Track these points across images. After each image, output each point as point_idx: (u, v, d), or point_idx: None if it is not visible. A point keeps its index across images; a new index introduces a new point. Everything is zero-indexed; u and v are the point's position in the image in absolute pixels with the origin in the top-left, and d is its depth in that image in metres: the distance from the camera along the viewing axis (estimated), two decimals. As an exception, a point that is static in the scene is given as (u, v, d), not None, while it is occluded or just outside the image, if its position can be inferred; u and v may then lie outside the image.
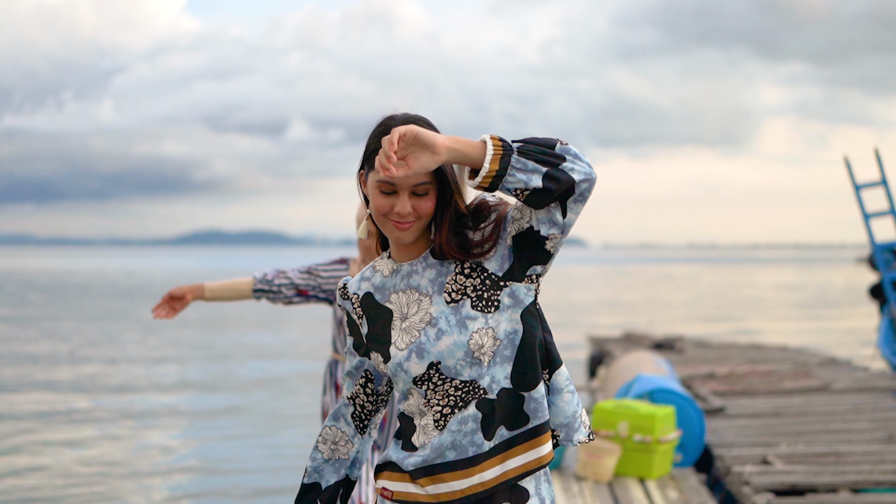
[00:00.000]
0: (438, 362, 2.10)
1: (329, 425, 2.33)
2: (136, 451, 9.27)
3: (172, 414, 11.55)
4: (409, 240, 2.13)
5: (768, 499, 5.64)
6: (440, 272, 2.16)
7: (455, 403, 2.11)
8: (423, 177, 2.07)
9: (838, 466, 6.37)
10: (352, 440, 2.32)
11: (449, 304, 2.13)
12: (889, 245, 11.38)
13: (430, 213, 2.11)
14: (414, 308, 2.16)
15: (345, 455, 2.32)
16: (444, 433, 2.12)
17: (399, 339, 2.15)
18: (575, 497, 5.88)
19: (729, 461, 6.53)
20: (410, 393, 2.17)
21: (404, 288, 2.19)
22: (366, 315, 2.24)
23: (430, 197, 2.09)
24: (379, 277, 2.25)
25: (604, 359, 13.13)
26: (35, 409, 11.77)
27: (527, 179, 1.95)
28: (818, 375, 10.64)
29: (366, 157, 2.14)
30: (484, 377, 2.10)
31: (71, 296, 41.09)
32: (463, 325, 2.10)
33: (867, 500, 5.66)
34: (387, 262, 2.24)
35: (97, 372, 15.33)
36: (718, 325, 25.49)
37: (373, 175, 2.10)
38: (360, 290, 2.26)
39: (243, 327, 24.53)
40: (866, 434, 7.45)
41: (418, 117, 2.11)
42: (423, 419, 2.15)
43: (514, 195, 2.00)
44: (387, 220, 2.11)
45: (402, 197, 2.07)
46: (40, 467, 8.64)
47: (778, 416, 8.26)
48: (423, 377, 2.12)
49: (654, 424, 6.19)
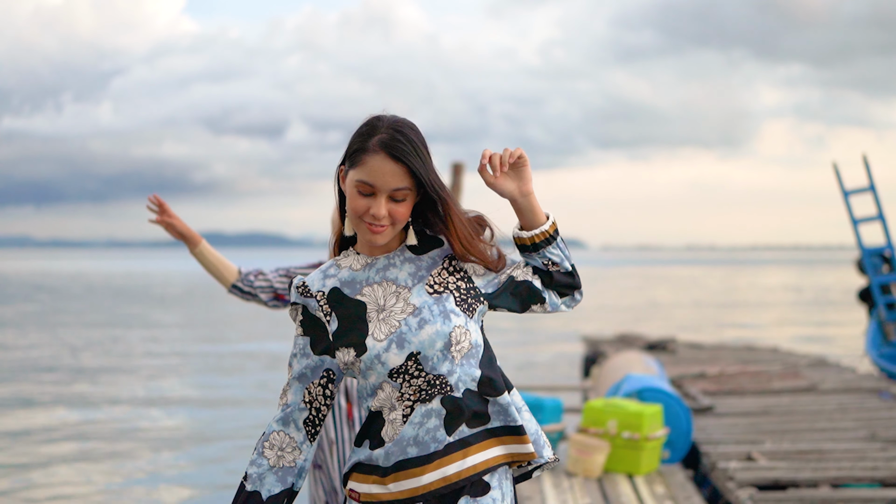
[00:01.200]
0: (418, 353, 2.10)
1: (277, 430, 2.21)
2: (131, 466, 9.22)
3: (173, 430, 11.42)
4: (380, 243, 2.14)
5: (751, 493, 5.85)
6: (419, 266, 2.18)
7: (420, 397, 2.11)
8: (404, 182, 2.08)
9: (820, 463, 6.58)
10: (300, 447, 2.21)
11: (431, 294, 2.14)
12: (877, 249, 11.60)
13: (404, 219, 2.12)
14: (393, 299, 2.14)
15: (291, 463, 2.20)
16: (406, 426, 2.11)
17: (377, 330, 2.12)
18: (565, 492, 6.09)
19: (715, 458, 6.74)
20: (382, 387, 2.14)
21: (380, 280, 2.17)
22: (334, 311, 2.18)
23: (406, 204, 2.11)
24: (346, 272, 2.21)
25: (597, 359, 13.35)
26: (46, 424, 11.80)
27: (561, 259, 2.20)
28: (807, 376, 10.85)
29: (348, 154, 2.14)
30: (453, 374, 2.12)
31: (75, 298, 41.15)
32: (446, 316, 2.12)
33: (846, 494, 5.86)
34: (355, 258, 2.22)
35: (95, 386, 15.38)
36: (715, 327, 25.68)
37: (353, 173, 2.10)
38: (324, 287, 2.20)
39: (245, 332, 24.51)
40: (850, 432, 7.66)
41: (405, 121, 2.12)
42: (393, 413, 2.13)
43: (545, 263, 2.19)
44: (361, 222, 2.12)
45: (380, 200, 2.08)
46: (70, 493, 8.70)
47: (765, 415, 8.47)
48: (401, 369, 2.10)
49: (642, 422, 6.39)
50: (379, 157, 2.06)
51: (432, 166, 2.12)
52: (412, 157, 2.06)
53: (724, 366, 11.69)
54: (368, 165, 2.07)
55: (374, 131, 2.08)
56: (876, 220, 11.49)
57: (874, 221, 11.52)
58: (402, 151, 2.05)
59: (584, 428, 6.64)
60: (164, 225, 3.76)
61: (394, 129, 2.08)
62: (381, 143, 2.06)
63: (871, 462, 6.58)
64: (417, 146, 2.08)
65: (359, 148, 2.09)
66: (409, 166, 2.07)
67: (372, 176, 2.07)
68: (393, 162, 2.06)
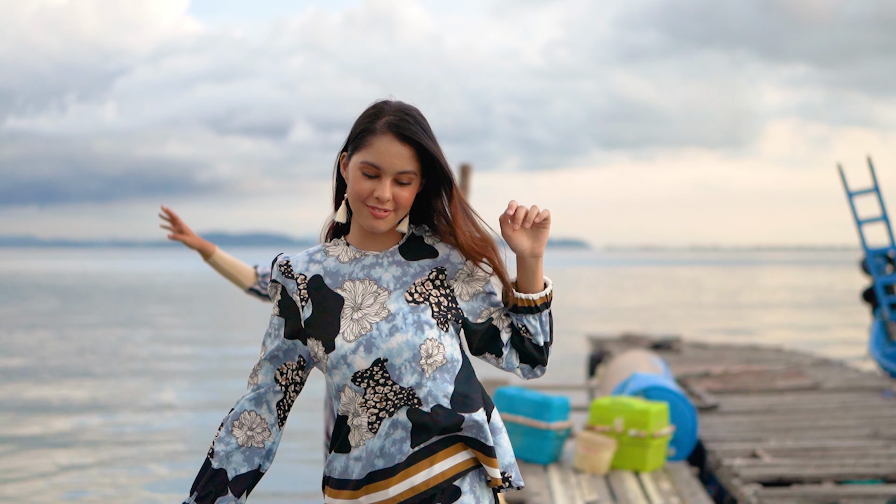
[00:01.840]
0: (385, 360, 2.03)
1: (248, 409, 2.14)
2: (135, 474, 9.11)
3: (175, 429, 11.38)
4: (383, 229, 2.07)
5: (755, 489, 5.95)
6: (405, 272, 2.11)
7: (386, 408, 2.05)
8: (410, 165, 2.03)
9: (824, 460, 6.68)
10: (270, 429, 2.15)
11: (409, 302, 2.07)
12: (881, 250, 11.71)
13: (407, 205, 2.06)
14: (370, 300, 2.08)
15: (260, 444, 2.14)
16: (375, 437, 2.05)
17: (348, 330, 2.06)
18: (572, 488, 6.19)
19: (720, 455, 6.85)
20: (344, 391, 2.08)
21: (363, 277, 2.10)
22: (311, 298, 2.11)
23: (411, 188, 2.05)
24: (333, 262, 2.14)
25: (603, 358, 13.45)
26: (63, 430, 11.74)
27: (535, 332, 2.13)
28: (810, 375, 10.95)
29: (352, 137, 2.08)
30: (423, 387, 2.04)
31: (81, 298, 41.26)
32: (419, 327, 2.05)
33: (849, 490, 5.97)
34: (345, 249, 2.15)
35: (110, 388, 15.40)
36: (719, 327, 25.75)
37: (358, 156, 2.04)
38: (307, 272, 2.13)
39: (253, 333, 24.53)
40: (853, 430, 7.77)
41: (411, 107, 2.06)
42: (357, 419, 2.07)
43: (519, 327, 2.13)
44: (364, 207, 2.05)
45: (385, 182, 2.02)
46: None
47: (769, 414, 8.58)
48: (366, 374, 2.04)
49: (648, 420, 6.50)
50: (386, 138, 2.01)
51: (441, 150, 2.06)
52: (421, 137, 2.02)
53: (729, 365, 11.79)
54: (375, 147, 2.01)
55: (381, 113, 2.04)
56: (880, 221, 11.59)
57: (878, 222, 11.63)
58: (411, 132, 2.01)
59: (591, 425, 6.74)
60: (179, 240, 3.79)
61: (401, 112, 2.04)
62: (388, 124, 2.02)
63: (873, 459, 6.68)
64: (425, 128, 2.04)
65: (365, 129, 2.04)
66: (416, 148, 2.02)
67: (378, 157, 2.01)
68: (400, 143, 2.01)
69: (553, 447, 6.73)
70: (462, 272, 2.13)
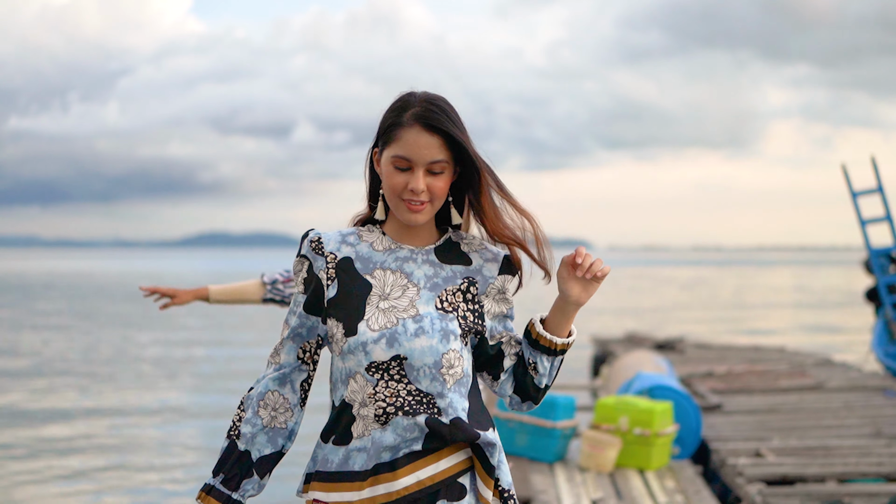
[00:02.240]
0: (405, 358, 2.01)
1: (272, 389, 2.12)
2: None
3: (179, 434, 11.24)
4: (421, 221, 2.06)
5: (760, 488, 6.01)
6: (437, 273, 2.10)
7: (402, 406, 2.02)
8: (441, 154, 2.02)
9: (827, 459, 6.74)
10: (293, 409, 2.13)
11: (438, 309, 2.06)
12: (885, 250, 11.77)
13: (442, 194, 2.05)
14: (398, 292, 2.06)
15: (283, 425, 2.12)
16: (386, 431, 2.02)
17: (373, 319, 2.03)
18: (578, 486, 6.25)
19: (724, 454, 6.91)
20: (355, 378, 2.04)
21: (394, 269, 2.09)
22: (338, 279, 2.08)
23: (444, 177, 2.04)
24: (366, 248, 2.12)
25: (607, 358, 13.50)
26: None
27: (544, 372, 2.13)
28: (813, 375, 11.00)
29: (381, 132, 2.08)
30: (444, 398, 2.03)
31: (85, 299, 41.32)
32: (446, 336, 2.04)
33: (852, 489, 6.03)
34: (381, 237, 2.13)
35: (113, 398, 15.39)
36: (722, 327, 25.80)
37: (388, 150, 2.04)
38: (338, 252, 2.10)
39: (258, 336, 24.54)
40: (855, 429, 7.83)
41: (437, 96, 2.07)
42: (365, 410, 2.04)
43: (529, 362, 2.13)
44: (400, 201, 2.04)
45: (417, 173, 2.01)
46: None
47: (772, 413, 8.64)
48: (381, 366, 2.02)
49: (653, 419, 6.56)
50: (414, 129, 2.01)
51: (469, 137, 2.06)
52: (448, 125, 2.01)
53: (732, 365, 11.85)
54: (403, 139, 2.01)
55: (408, 106, 2.04)
56: (884, 221, 11.67)
57: (882, 222, 11.70)
58: (437, 121, 2.01)
59: (596, 424, 6.80)
60: (172, 306, 3.72)
61: (427, 102, 2.03)
62: (415, 115, 2.02)
63: (876, 458, 6.74)
64: (452, 117, 2.04)
65: (392, 123, 2.04)
66: (444, 137, 2.02)
67: (408, 149, 2.01)
68: (428, 133, 2.01)
69: (559, 446, 6.79)
70: (493, 287, 2.12)
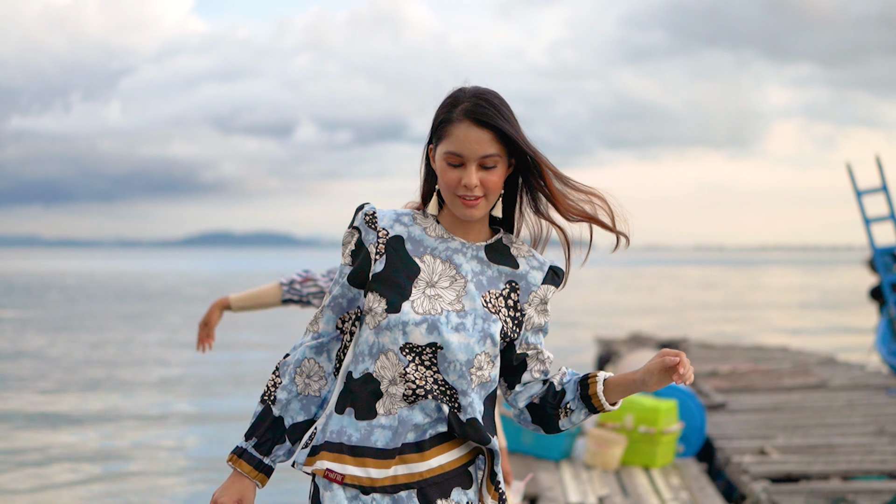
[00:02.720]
0: (441, 347, 2.03)
1: (309, 357, 2.14)
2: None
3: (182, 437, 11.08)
4: (477, 216, 2.08)
5: (764, 486, 6.07)
6: (483, 271, 2.12)
7: (431, 391, 2.05)
8: (492, 148, 2.04)
9: (831, 457, 6.80)
10: (326, 378, 2.15)
11: (484, 307, 2.09)
12: (889, 249, 11.83)
13: (497, 189, 2.07)
14: (445, 282, 2.09)
15: (316, 393, 2.14)
16: (414, 410, 2.05)
17: (418, 302, 2.05)
18: (584, 483, 6.31)
19: (729, 452, 6.97)
20: (387, 355, 2.05)
21: (444, 258, 2.11)
22: (387, 255, 2.10)
23: (497, 171, 2.06)
24: (419, 231, 2.14)
25: (611, 358, 13.55)
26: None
27: (571, 421, 2.16)
28: (816, 373, 11.06)
29: (434, 128, 2.10)
30: (467, 396, 2.06)
31: (88, 299, 41.39)
32: (484, 337, 2.07)
33: (856, 486, 6.08)
34: (434, 225, 2.15)
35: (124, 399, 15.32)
36: (725, 327, 25.84)
37: (441, 147, 2.07)
38: (391, 229, 2.12)
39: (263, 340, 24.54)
40: (858, 427, 7.88)
41: (488, 90, 2.08)
42: (394, 388, 2.05)
43: (568, 406, 2.14)
44: (455, 197, 2.06)
45: (470, 168, 2.04)
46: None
47: (776, 411, 8.69)
48: (416, 349, 2.04)
49: (658, 417, 6.62)
50: (464, 125, 2.03)
51: (520, 129, 2.08)
52: (498, 120, 2.03)
53: (736, 364, 11.90)
54: (455, 135, 2.04)
55: (458, 101, 2.06)
56: (888, 220, 11.72)
57: (886, 221, 11.75)
58: (487, 116, 2.03)
59: (601, 422, 6.86)
60: (213, 329, 3.86)
61: (477, 97, 2.05)
62: (465, 111, 2.04)
63: (879, 455, 6.79)
64: (502, 110, 2.05)
65: (444, 119, 2.07)
66: (495, 131, 2.04)
67: (459, 145, 2.03)
68: (479, 128, 2.03)
69: (565, 443, 6.85)
70: (536, 296, 2.15)
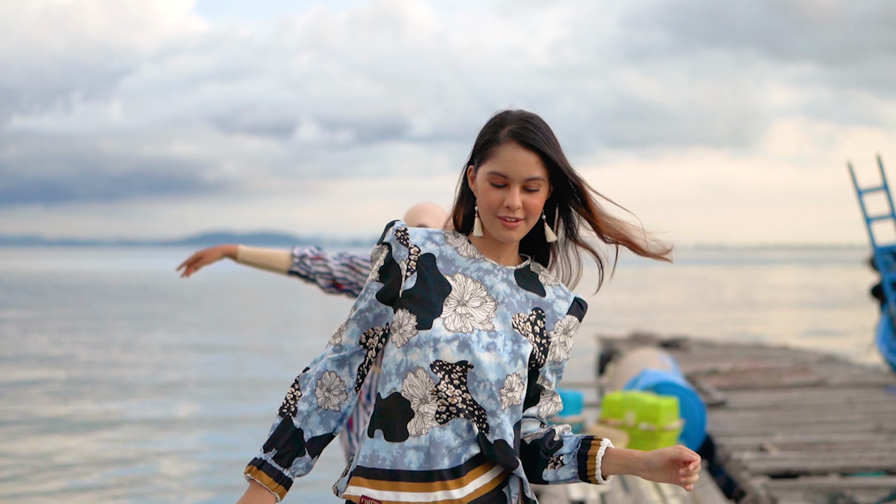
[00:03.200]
0: (472, 366, 2.00)
1: (330, 370, 2.10)
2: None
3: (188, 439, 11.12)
4: (516, 238, 2.07)
5: (764, 482, 6.14)
6: (512, 294, 2.10)
7: (461, 411, 2.02)
8: (537, 171, 2.04)
9: (829, 453, 6.88)
10: (347, 392, 2.11)
11: (514, 329, 2.06)
12: (889, 247, 11.92)
13: (537, 212, 2.06)
14: (476, 302, 2.07)
15: (335, 407, 2.10)
16: (446, 430, 2.01)
17: (450, 320, 2.03)
18: (586, 480, 6.39)
19: (729, 449, 7.05)
20: (416, 373, 2.02)
21: (476, 278, 2.09)
22: (418, 272, 2.08)
23: (539, 195, 2.05)
24: (450, 250, 2.12)
25: (612, 356, 13.63)
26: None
27: (560, 479, 2.10)
28: (816, 372, 11.14)
29: (477, 149, 2.10)
30: (496, 417, 2.02)
31: (90, 299, 41.41)
32: (515, 358, 2.03)
33: (854, 482, 6.16)
34: (466, 245, 2.14)
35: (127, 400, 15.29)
36: (726, 326, 25.91)
37: (485, 167, 2.05)
38: (422, 246, 2.11)
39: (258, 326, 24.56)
40: (857, 425, 7.96)
41: (533, 115, 2.08)
42: (425, 406, 2.01)
43: (556, 462, 2.09)
44: (495, 218, 2.05)
45: (514, 190, 2.03)
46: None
47: (776, 409, 8.77)
48: (446, 366, 2.01)
49: (659, 414, 6.70)
50: (511, 146, 2.03)
51: (563, 154, 2.08)
52: (544, 145, 2.03)
53: (736, 362, 11.98)
54: (500, 156, 2.03)
55: (504, 123, 2.06)
56: (888, 219, 11.82)
57: (887, 220, 11.85)
58: (533, 139, 2.03)
59: (603, 419, 6.94)
60: (203, 265, 3.86)
61: (523, 120, 2.06)
62: (511, 132, 2.04)
63: (877, 452, 6.87)
64: (548, 135, 2.06)
65: (489, 140, 2.06)
66: (540, 155, 2.04)
67: (504, 166, 2.02)
68: (525, 150, 2.03)
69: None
70: (560, 325, 2.13)
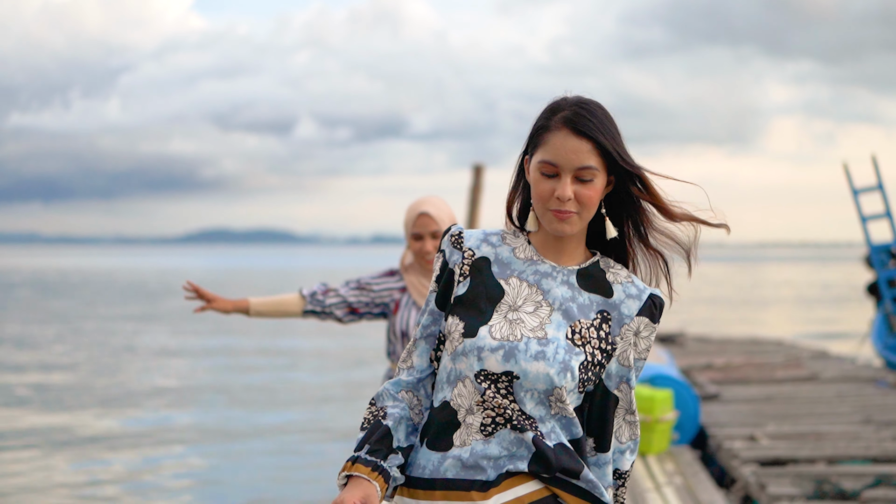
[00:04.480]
0: (517, 377, 1.90)
1: (407, 389, 2.02)
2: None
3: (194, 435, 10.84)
4: (569, 232, 1.95)
5: (753, 469, 6.38)
6: (574, 297, 1.98)
7: (509, 420, 1.93)
8: (590, 160, 1.92)
9: (818, 443, 7.12)
10: (423, 413, 2.02)
11: (568, 339, 1.94)
12: (885, 246, 12.21)
13: (592, 204, 1.94)
14: (530, 307, 1.96)
15: (416, 421, 2.03)
16: (490, 443, 1.92)
17: (497, 327, 1.93)
18: (583, 468, 6.62)
19: (720, 439, 7.29)
20: (464, 382, 1.94)
21: (531, 283, 1.98)
22: (471, 277, 1.99)
23: (594, 186, 1.93)
24: (507, 252, 2.02)
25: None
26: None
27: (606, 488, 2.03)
28: (808, 366, 11.38)
29: (531, 137, 1.99)
30: (545, 423, 1.93)
31: (90, 297, 41.45)
32: (563, 370, 1.91)
33: (840, 469, 6.40)
34: (525, 245, 2.02)
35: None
36: (722, 322, 26.08)
37: (536, 156, 1.95)
38: (477, 249, 2.01)
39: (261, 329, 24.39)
40: (846, 416, 8.20)
41: (590, 100, 1.97)
42: (471, 417, 1.94)
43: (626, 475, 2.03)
44: (547, 210, 1.94)
45: (564, 180, 1.91)
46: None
47: (768, 402, 9.01)
48: (491, 376, 1.92)
49: (653, 405, 6.93)
50: (562, 133, 1.92)
51: (622, 143, 1.96)
52: (597, 132, 1.91)
53: (731, 357, 12.22)
54: (551, 143, 1.93)
55: (558, 109, 1.96)
56: (884, 218, 12.10)
57: (882, 219, 12.13)
58: (586, 126, 1.91)
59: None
60: (209, 309, 3.87)
61: (578, 106, 1.94)
62: (563, 119, 1.93)
63: (864, 442, 7.12)
64: (603, 122, 1.94)
65: (541, 126, 1.96)
66: (594, 142, 1.92)
67: (554, 154, 1.92)
68: (576, 138, 1.91)
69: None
70: (628, 329, 1.99)
